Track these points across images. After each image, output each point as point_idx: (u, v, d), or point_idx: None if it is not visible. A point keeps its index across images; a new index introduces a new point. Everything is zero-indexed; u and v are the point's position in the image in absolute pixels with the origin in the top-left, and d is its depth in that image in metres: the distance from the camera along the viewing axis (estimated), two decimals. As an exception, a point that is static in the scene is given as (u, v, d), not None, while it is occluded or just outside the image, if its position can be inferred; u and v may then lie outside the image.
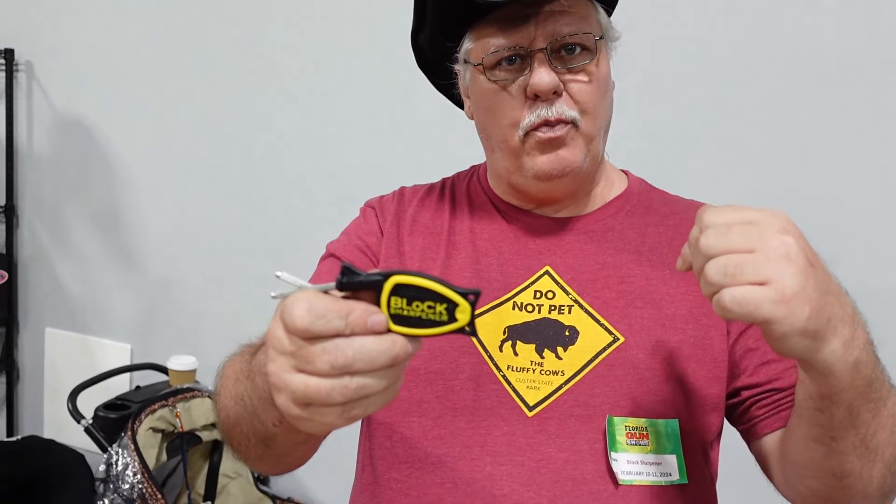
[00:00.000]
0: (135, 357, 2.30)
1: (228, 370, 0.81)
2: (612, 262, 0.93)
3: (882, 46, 1.43)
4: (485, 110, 0.93)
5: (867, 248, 1.47)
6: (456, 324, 0.53)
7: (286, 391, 0.54)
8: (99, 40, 2.25)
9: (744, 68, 1.53)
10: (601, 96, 0.91)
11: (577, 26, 0.87)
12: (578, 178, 0.94)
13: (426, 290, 0.52)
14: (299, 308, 0.52)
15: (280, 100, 2.01)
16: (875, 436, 0.69)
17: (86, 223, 2.37)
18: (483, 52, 0.89)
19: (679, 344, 0.87)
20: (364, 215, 1.04)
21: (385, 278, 0.52)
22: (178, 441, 1.88)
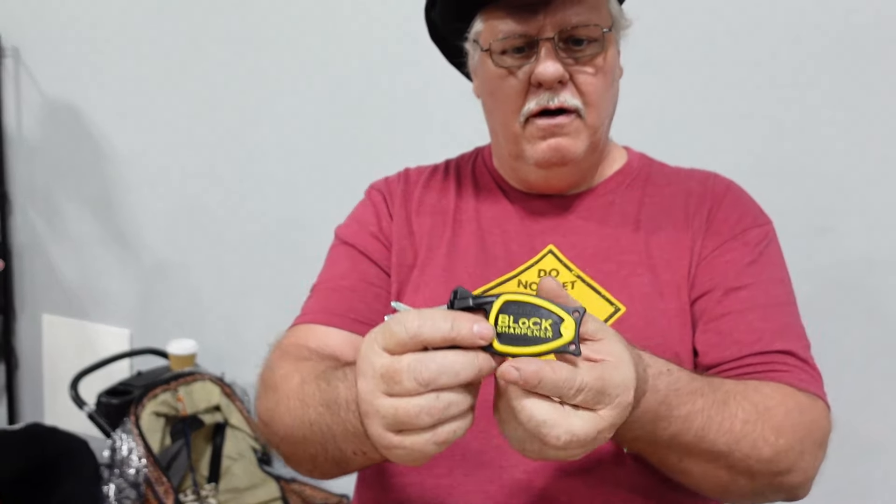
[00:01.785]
0: (134, 342, 2.30)
1: (286, 388, 0.79)
2: (612, 234, 0.94)
3: (881, 26, 1.43)
4: (490, 94, 0.94)
5: (862, 219, 1.48)
6: (561, 339, 0.54)
7: (377, 417, 0.55)
8: (86, 24, 2.22)
9: (740, 46, 1.53)
10: (606, 87, 0.91)
11: (586, 17, 0.87)
12: (579, 167, 0.95)
13: (533, 306, 0.55)
14: (411, 316, 0.54)
15: (279, 78, 2.00)
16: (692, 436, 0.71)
17: (80, 208, 2.36)
18: (492, 37, 0.90)
19: (678, 311, 0.89)
20: (371, 199, 1.04)
21: (495, 298, 0.55)
22: (181, 425, 1.89)
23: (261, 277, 2.10)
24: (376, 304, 0.94)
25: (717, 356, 0.85)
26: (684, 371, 0.71)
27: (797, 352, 0.85)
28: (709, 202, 0.95)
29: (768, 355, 0.83)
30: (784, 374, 0.82)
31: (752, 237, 0.92)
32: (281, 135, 2.02)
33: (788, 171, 1.51)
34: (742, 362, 0.84)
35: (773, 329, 0.85)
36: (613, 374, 0.56)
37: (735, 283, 0.88)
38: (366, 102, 1.90)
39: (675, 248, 0.92)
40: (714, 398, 0.71)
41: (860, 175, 1.47)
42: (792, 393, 0.79)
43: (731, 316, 0.86)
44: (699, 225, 0.93)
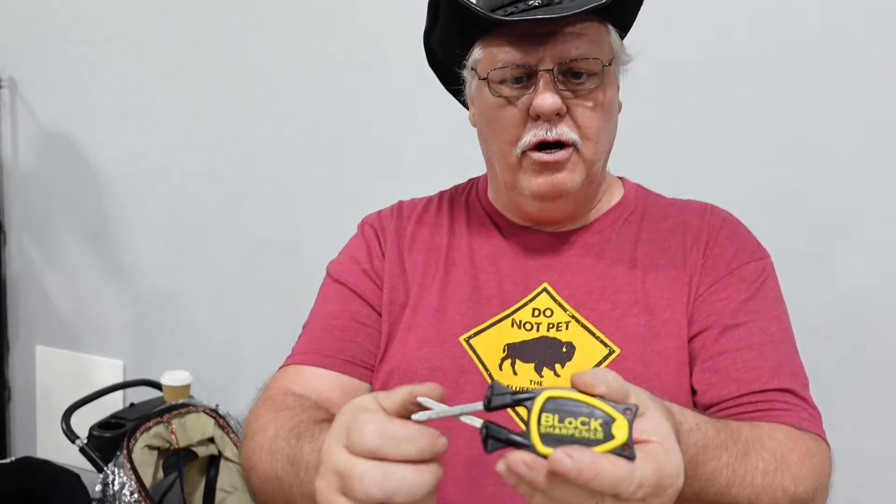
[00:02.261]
0: (128, 373, 2.28)
1: (260, 439, 0.79)
2: (608, 273, 0.93)
3: (873, 57, 1.44)
4: (487, 123, 0.93)
5: (865, 246, 1.48)
6: (613, 442, 0.48)
7: None
8: (83, 55, 2.23)
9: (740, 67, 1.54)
10: (605, 121, 0.90)
11: (586, 50, 0.87)
12: (575, 200, 0.94)
13: (580, 403, 0.49)
14: (370, 429, 0.51)
15: (274, 108, 2.00)
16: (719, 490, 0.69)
17: (75, 238, 2.35)
18: (490, 66, 0.89)
19: (675, 351, 0.87)
20: (364, 235, 1.03)
21: (537, 394, 0.50)
22: (175, 457, 1.86)
23: (257, 308, 2.09)
24: (367, 344, 0.94)
25: (716, 395, 0.84)
26: (709, 423, 0.69)
27: (796, 390, 0.84)
28: (705, 236, 0.95)
29: (768, 394, 0.83)
30: (784, 414, 0.81)
31: (749, 272, 0.92)
32: (279, 165, 2.02)
33: (785, 199, 1.51)
34: (741, 401, 0.83)
35: (770, 367, 0.84)
36: (666, 461, 0.51)
37: (732, 320, 0.87)
38: (367, 133, 1.90)
39: (672, 285, 0.91)
40: (736, 450, 0.70)
41: (857, 203, 1.47)
42: (800, 436, 0.78)
43: (728, 354, 0.86)
44: (696, 261, 0.93)
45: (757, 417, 0.81)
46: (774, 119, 1.51)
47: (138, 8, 2.13)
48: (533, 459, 0.48)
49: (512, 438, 0.50)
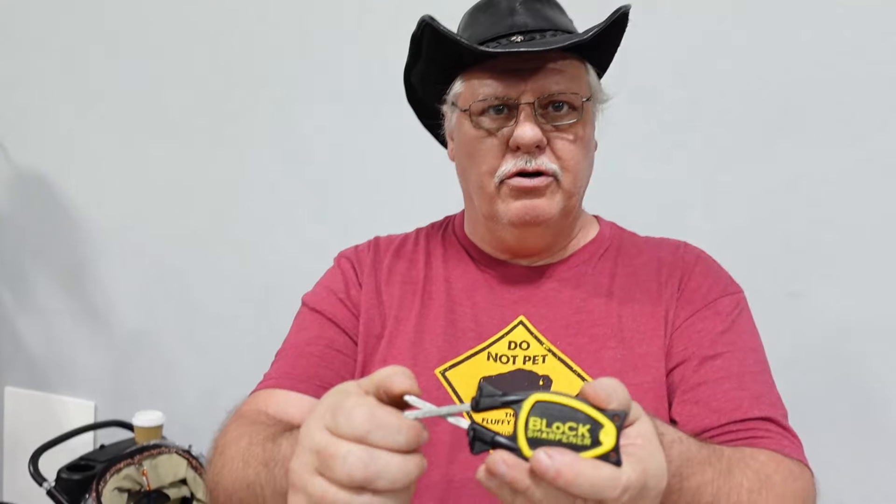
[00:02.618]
0: (99, 414, 2.24)
1: (233, 450, 0.77)
2: (585, 308, 0.94)
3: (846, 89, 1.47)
4: (466, 155, 0.94)
5: (833, 285, 1.50)
6: (600, 448, 0.48)
7: (303, 493, 0.51)
8: (58, 94, 2.23)
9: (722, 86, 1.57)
10: (583, 156, 0.92)
11: (566, 85, 0.89)
12: (552, 230, 0.95)
13: (568, 408, 0.49)
14: (361, 413, 0.49)
15: (251, 145, 2.00)
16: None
17: (49, 279, 2.32)
18: (471, 99, 0.91)
19: (652, 384, 0.88)
20: (340, 267, 1.03)
21: (525, 397, 0.50)
22: (146, 500, 1.82)
23: (231, 347, 2.07)
24: (343, 371, 0.93)
25: (698, 425, 0.84)
26: (691, 439, 0.69)
27: (777, 419, 0.85)
28: (679, 271, 0.96)
29: (749, 422, 0.83)
30: (766, 441, 0.81)
31: (724, 306, 0.93)
32: (256, 202, 2.02)
33: (759, 237, 1.53)
34: (723, 430, 0.83)
35: (750, 396, 0.85)
36: (651, 463, 0.51)
37: (710, 351, 0.88)
38: (349, 171, 1.91)
39: (648, 319, 0.92)
40: (720, 467, 0.70)
41: (830, 241, 1.49)
42: (782, 460, 0.79)
43: (708, 385, 0.86)
44: (671, 294, 0.94)
45: (739, 445, 0.80)
46: (750, 156, 1.54)
47: (113, 49, 2.13)
48: (513, 459, 0.48)
49: (498, 441, 0.49)
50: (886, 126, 1.44)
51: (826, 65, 1.47)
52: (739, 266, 1.03)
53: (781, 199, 1.52)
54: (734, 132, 1.54)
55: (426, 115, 1.06)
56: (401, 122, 1.79)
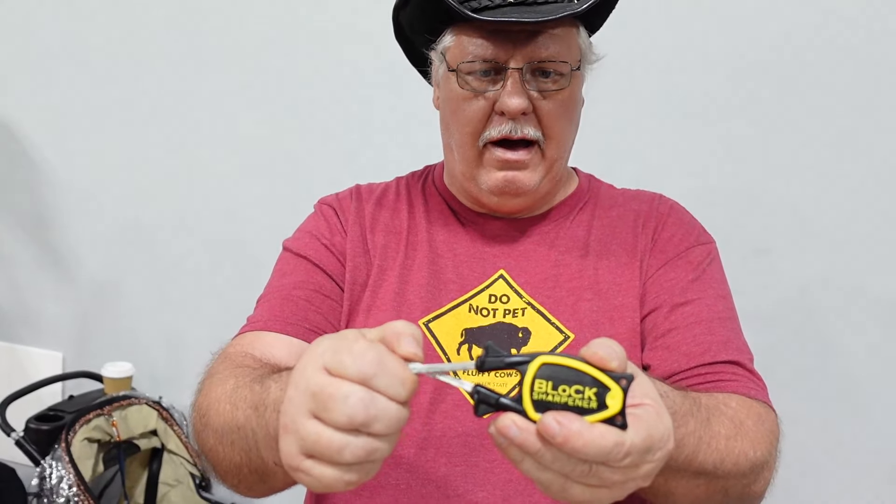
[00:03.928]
0: (67, 366, 2.22)
1: (219, 391, 0.75)
2: (562, 261, 0.95)
3: (817, 52, 1.48)
4: (451, 112, 0.94)
5: (796, 242, 1.52)
6: (606, 412, 0.48)
7: (295, 435, 0.50)
8: (18, 36, 2.16)
9: (711, 67, 1.57)
10: (568, 121, 0.93)
11: (556, 51, 0.88)
12: (533, 196, 0.95)
13: (575, 371, 0.48)
14: (370, 356, 0.49)
15: (223, 90, 1.96)
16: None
17: (11, 227, 2.27)
18: (460, 58, 0.90)
19: (628, 335, 0.90)
20: (323, 214, 1.02)
21: (531, 359, 0.49)
22: (115, 451, 1.83)
23: (200, 298, 2.06)
24: (330, 316, 0.92)
25: (668, 369, 0.87)
26: (675, 391, 0.70)
27: (743, 363, 0.87)
28: (653, 222, 0.98)
29: (716, 366, 0.86)
30: (733, 384, 0.84)
31: (696, 255, 0.95)
32: (219, 151, 1.99)
33: (729, 194, 1.55)
34: (691, 373, 0.86)
35: (718, 341, 0.87)
36: (658, 425, 0.51)
37: (680, 298, 0.90)
38: (319, 120, 1.89)
39: (623, 271, 0.94)
40: (700, 417, 0.71)
41: (796, 200, 1.52)
42: (751, 404, 0.81)
43: (678, 330, 0.88)
44: (645, 245, 0.96)
45: (707, 388, 0.83)
46: (721, 115, 1.55)
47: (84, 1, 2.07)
48: (524, 422, 0.48)
49: (503, 403, 0.49)
50: (854, 88, 1.45)
51: (800, 23, 1.47)
52: (708, 223, 1.04)
53: (750, 156, 1.53)
54: (706, 91, 1.55)
55: (413, 54, 1.04)
56: (368, 69, 1.79)
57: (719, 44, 1.53)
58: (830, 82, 1.47)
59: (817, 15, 1.46)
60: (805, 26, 1.47)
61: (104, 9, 2.05)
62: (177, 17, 1.98)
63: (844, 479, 1.53)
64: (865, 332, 1.49)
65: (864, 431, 1.51)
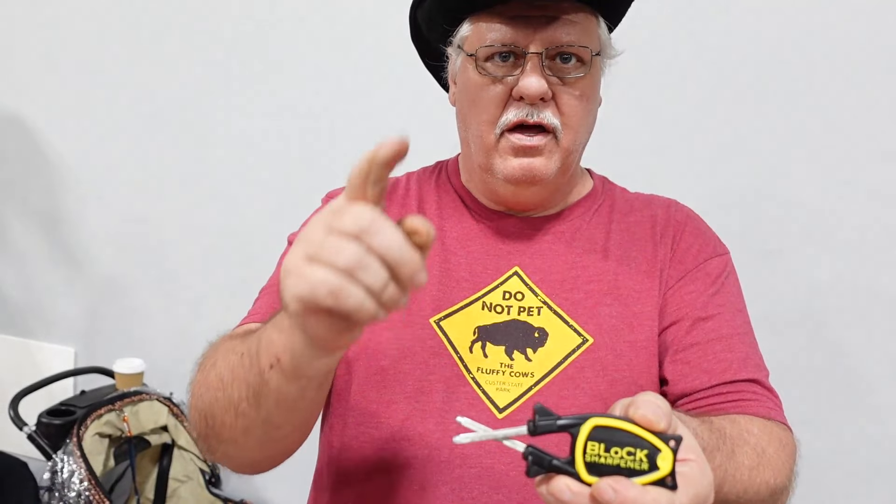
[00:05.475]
0: (79, 361, 2.23)
1: (223, 346, 0.77)
2: (580, 263, 0.94)
3: (825, 56, 1.47)
4: (469, 101, 0.92)
5: (807, 244, 1.51)
6: (657, 473, 0.49)
7: (303, 242, 0.52)
8: (35, 33, 2.18)
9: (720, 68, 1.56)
10: (587, 112, 0.91)
11: (577, 37, 0.87)
12: (549, 187, 0.94)
13: (626, 433, 0.49)
14: (367, 211, 0.51)
15: (230, 91, 1.97)
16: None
17: (25, 222, 2.29)
18: (478, 43, 0.89)
19: (646, 343, 0.89)
20: None
21: (583, 421, 0.49)
22: (126, 446, 1.84)
23: (211, 295, 2.07)
24: None
25: (688, 385, 0.87)
26: (703, 426, 0.71)
27: (762, 380, 0.88)
28: (672, 231, 0.97)
29: (736, 384, 0.86)
30: (753, 404, 0.85)
31: (714, 267, 0.95)
32: (230, 150, 1.99)
33: (739, 196, 1.54)
34: (711, 391, 0.86)
35: (738, 359, 0.88)
36: (703, 482, 0.52)
37: (702, 313, 0.90)
38: (328, 119, 1.89)
39: (644, 278, 0.93)
40: (726, 450, 0.72)
41: (806, 202, 1.51)
42: (771, 428, 0.82)
43: (699, 346, 0.88)
44: (665, 254, 0.95)
45: (727, 408, 0.84)
46: (739, 119, 1.54)
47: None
48: (578, 486, 0.49)
49: (556, 465, 0.50)
50: (868, 89, 1.44)
51: (807, 30, 1.46)
52: (718, 225, 1.04)
53: (760, 158, 1.52)
54: (714, 93, 1.54)
55: (429, 55, 1.02)
56: (375, 67, 1.79)
57: (731, 44, 1.52)
58: (843, 83, 1.46)
59: (832, 16, 1.45)
60: (819, 27, 1.46)
61: (120, 9, 2.06)
62: (190, 18, 1.99)
63: (854, 482, 1.52)
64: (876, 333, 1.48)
65: (875, 434, 1.50)
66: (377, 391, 0.87)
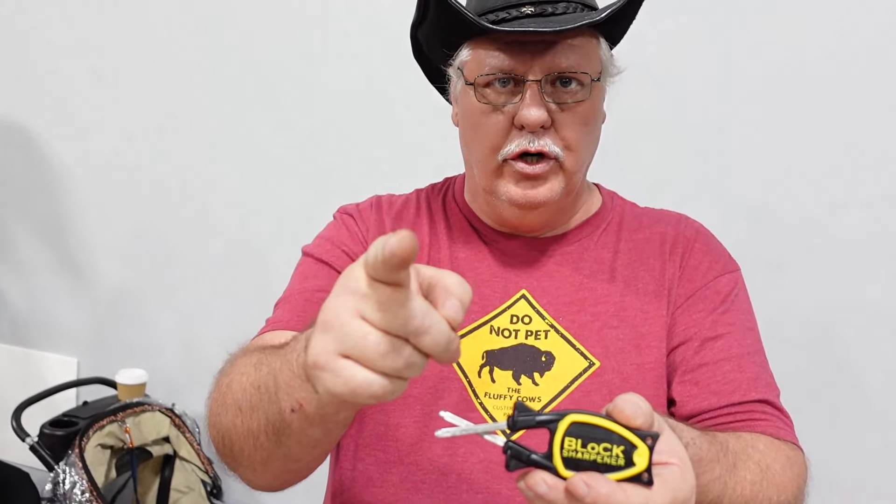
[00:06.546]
0: (81, 371, 2.24)
1: (242, 363, 0.73)
2: (587, 284, 0.93)
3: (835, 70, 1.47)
4: (470, 127, 0.92)
5: (812, 259, 1.51)
6: (633, 469, 0.50)
7: (337, 332, 0.48)
8: (40, 43, 2.19)
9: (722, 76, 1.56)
10: (588, 134, 0.91)
11: (576, 62, 0.86)
12: (553, 209, 0.94)
13: (602, 429, 0.51)
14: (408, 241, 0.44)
15: (239, 97, 1.98)
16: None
17: (27, 232, 2.30)
18: (477, 71, 0.88)
19: (654, 364, 0.88)
20: (343, 222, 1.01)
21: (560, 417, 0.51)
22: (128, 457, 1.83)
23: (214, 306, 2.07)
24: None
25: (696, 406, 0.86)
26: (702, 437, 0.70)
27: (772, 400, 0.87)
28: (681, 248, 0.96)
29: (746, 405, 0.86)
30: (763, 424, 0.84)
31: (724, 285, 0.93)
32: (235, 158, 2.00)
33: (746, 210, 1.54)
34: (722, 412, 0.85)
35: (747, 379, 0.87)
36: (683, 486, 0.52)
37: (710, 332, 0.89)
38: (320, 122, 1.89)
39: (652, 299, 0.92)
40: (727, 462, 0.72)
41: (812, 217, 1.51)
42: (779, 446, 0.81)
43: (708, 366, 0.87)
44: (673, 272, 0.94)
45: (737, 428, 0.83)
46: (748, 134, 1.54)
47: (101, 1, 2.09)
48: (553, 480, 0.49)
49: (534, 459, 0.51)
50: (876, 103, 1.44)
51: (818, 44, 1.47)
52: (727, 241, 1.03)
53: (770, 176, 1.52)
54: (721, 104, 1.54)
55: (432, 73, 1.02)
56: (397, 79, 1.79)
57: (735, 56, 1.53)
58: (854, 98, 1.46)
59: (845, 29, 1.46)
60: (830, 41, 1.46)
61: (124, 17, 2.07)
62: (195, 25, 2.00)
63: (862, 497, 1.51)
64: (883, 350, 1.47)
65: (882, 448, 1.49)
66: (385, 414, 0.87)
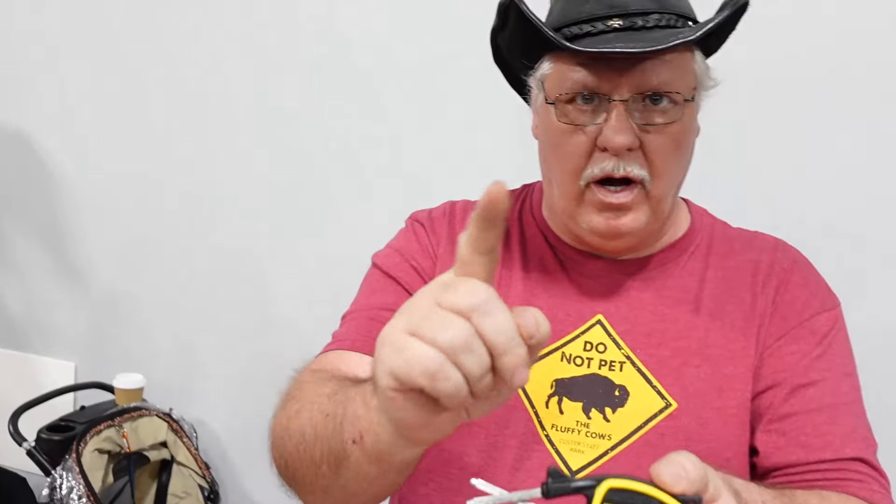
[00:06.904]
0: (79, 376, 2.23)
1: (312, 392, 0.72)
2: (669, 315, 0.87)
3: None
4: (551, 146, 0.87)
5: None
6: None
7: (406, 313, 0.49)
8: (36, 47, 2.19)
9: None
10: (679, 156, 0.84)
11: (668, 79, 0.79)
12: (638, 235, 0.87)
13: (643, 496, 0.47)
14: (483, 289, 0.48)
15: (238, 113, 1.98)
16: None
17: (26, 236, 2.30)
18: (560, 87, 0.83)
19: (736, 409, 0.82)
20: (415, 231, 0.96)
21: (597, 483, 0.48)
22: (125, 462, 1.83)
23: (212, 311, 2.06)
24: None
25: (782, 459, 0.81)
26: (778, 498, 0.66)
27: (868, 458, 0.80)
28: (775, 280, 0.88)
29: (839, 463, 0.79)
30: (856, 485, 0.78)
31: (821, 324, 0.86)
32: (233, 164, 2.00)
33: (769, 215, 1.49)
34: (810, 468, 0.79)
35: (843, 433, 0.80)
36: None
37: (803, 379, 0.82)
38: (321, 129, 1.89)
39: (738, 336, 0.85)
40: None
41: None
42: None
43: (797, 416, 0.81)
44: (764, 307, 0.87)
45: (827, 487, 0.77)
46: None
47: (98, 3, 2.09)
48: None
49: (571, 486, 0.48)
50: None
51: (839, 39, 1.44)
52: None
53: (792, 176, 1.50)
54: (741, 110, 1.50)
55: (512, 77, 0.95)
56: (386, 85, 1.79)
57: (751, 58, 1.49)
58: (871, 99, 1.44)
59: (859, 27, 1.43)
60: (844, 40, 1.44)
61: (125, 21, 2.07)
62: (196, 33, 2.00)
63: None
64: None
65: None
66: (450, 441, 0.82)
